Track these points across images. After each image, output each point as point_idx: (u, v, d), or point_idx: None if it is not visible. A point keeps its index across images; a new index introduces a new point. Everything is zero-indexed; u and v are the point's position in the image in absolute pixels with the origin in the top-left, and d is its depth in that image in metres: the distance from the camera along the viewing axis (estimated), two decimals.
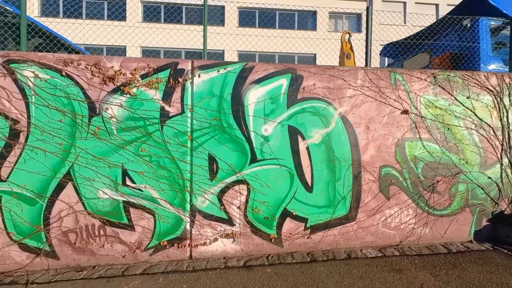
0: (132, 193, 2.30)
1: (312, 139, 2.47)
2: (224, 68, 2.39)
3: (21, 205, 2.19)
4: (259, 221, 2.44)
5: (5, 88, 2.18)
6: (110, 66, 2.28)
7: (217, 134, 2.38)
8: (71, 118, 2.23)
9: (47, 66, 2.21)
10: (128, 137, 2.29)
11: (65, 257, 2.24)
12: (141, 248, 2.31)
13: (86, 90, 2.25)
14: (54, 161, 2.22)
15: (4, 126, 2.17)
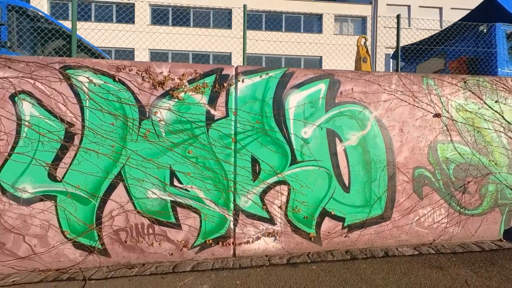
0: (179, 193, 2.40)
1: (349, 141, 2.58)
2: (266, 74, 2.50)
3: (75, 205, 2.29)
4: (299, 221, 2.53)
5: (61, 93, 2.28)
6: (159, 72, 2.38)
7: (259, 137, 2.48)
8: (122, 121, 2.34)
9: (100, 71, 2.32)
10: (175, 139, 2.39)
11: (116, 255, 2.33)
12: (187, 246, 2.40)
13: (137, 95, 2.36)
14: (106, 162, 2.32)
15: (60, 129, 2.28)
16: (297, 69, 2.55)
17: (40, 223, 2.26)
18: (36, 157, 2.25)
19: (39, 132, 2.25)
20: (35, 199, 2.25)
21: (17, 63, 2.24)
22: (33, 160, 2.24)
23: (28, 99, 2.25)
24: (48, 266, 2.26)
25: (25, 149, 2.24)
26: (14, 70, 2.24)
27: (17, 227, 2.23)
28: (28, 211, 2.24)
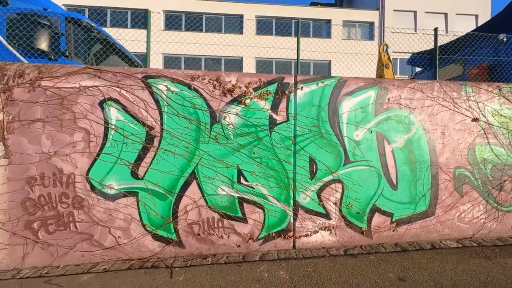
0: (245, 190, 2.63)
1: (396, 143, 2.81)
2: (322, 82, 2.75)
3: (154, 200, 2.52)
4: (352, 216, 2.75)
5: (143, 100, 2.53)
6: (228, 80, 2.64)
7: (316, 139, 2.72)
8: (196, 125, 2.58)
9: (177, 80, 2.57)
10: (242, 141, 2.63)
11: (189, 246, 2.56)
12: (253, 238, 2.62)
13: (208, 101, 2.61)
14: (181, 162, 2.56)
15: (142, 132, 2.52)
16: (349, 78, 2.80)
17: (123, 216, 2.49)
18: (121, 157, 2.50)
19: (124, 134, 2.50)
20: (120, 195, 2.49)
21: (106, 73, 2.50)
22: (118, 160, 2.49)
23: (115, 105, 2.50)
24: (130, 255, 2.49)
25: (111, 150, 2.49)
26: (103, 79, 2.50)
27: (103, 220, 2.47)
28: (113, 205, 2.48)
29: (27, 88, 2.42)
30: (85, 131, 2.47)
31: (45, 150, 2.42)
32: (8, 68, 2.40)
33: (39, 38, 3.53)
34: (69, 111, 2.46)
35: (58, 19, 3.77)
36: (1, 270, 2.33)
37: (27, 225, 2.39)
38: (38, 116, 2.43)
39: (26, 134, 2.41)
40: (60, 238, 2.42)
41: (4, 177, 2.38)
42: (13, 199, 2.37)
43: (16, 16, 3.53)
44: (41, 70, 2.42)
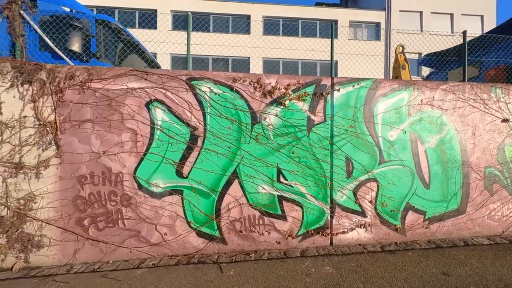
0: (284, 188, 2.71)
1: (429, 143, 2.89)
2: (358, 84, 2.82)
3: (198, 198, 2.60)
4: (386, 214, 2.83)
5: (187, 101, 2.61)
6: (268, 82, 2.71)
7: (352, 139, 2.80)
8: (237, 126, 2.66)
9: (219, 82, 2.65)
10: (281, 141, 2.71)
11: (232, 243, 2.64)
12: (292, 235, 2.70)
13: (249, 103, 2.68)
14: (224, 161, 2.64)
15: (186, 132, 2.60)
16: (383, 80, 2.88)
17: (169, 214, 2.57)
18: (166, 157, 2.58)
19: (169, 135, 2.58)
20: (165, 193, 2.57)
21: (152, 75, 2.58)
22: (164, 159, 2.57)
23: (160, 106, 2.58)
24: (176, 252, 2.57)
25: (157, 149, 2.57)
26: (149, 81, 2.58)
27: (150, 217, 2.55)
28: (159, 203, 2.56)
29: (77, 89, 2.51)
30: (132, 131, 2.55)
31: (94, 149, 2.50)
32: (59, 70, 2.48)
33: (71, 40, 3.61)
34: (117, 112, 2.54)
35: (89, 21, 3.85)
36: (53, 266, 2.42)
37: (78, 222, 2.47)
38: (87, 117, 2.51)
39: (76, 134, 2.49)
40: (109, 235, 2.50)
41: (56, 175, 2.46)
42: (64, 197, 2.46)
43: (49, 18, 3.61)
44: (91, 72, 2.50)
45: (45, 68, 2.45)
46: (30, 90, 2.44)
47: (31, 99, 2.43)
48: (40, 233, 2.42)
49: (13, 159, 2.41)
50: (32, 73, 2.42)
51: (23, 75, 2.43)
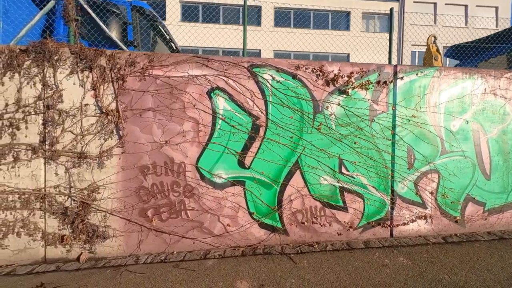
0: (346, 179, 2.65)
1: (491, 134, 2.82)
2: (421, 72, 2.73)
3: (260, 189, 2.55)
4: (447, 205, 2.79)
5: (249, 89, 2.52)
6: (330, 70, 2.62)
7: (414, 129, 2.73)
8: (299, 115, 2.58)
9: (282, 70, 2.55)
10: (344, 131, 2.64)
11: (293, 234, 2.61)
12: (353, 227, 2.67)
13: (311, 91, 2.60)
14: (286, 151, 2.58)
15: (248, 121, 2.53)
16: (447, 68, 2.78)
17: (231, 205, 2.53)
18: (228, 146, 2.51)
19: (231, 124, 2.51)
20: (228, 184, 2.52)
21: (213, 62, 2.48)
22: (226, 149, 2.51)
23: (222, 95, 2.50)
24: (238, 243, 2.54)
25: (219, 139, 2.50)
26: (210, 68, 2.48)
27: (213, 208, 2.51)
28: (222, 194, 2.52)
29: (137, 77, 2.42)
30: (194, 120, 2.48)
31: (156, 139, 2.44)
32: (119, 56, 2.38)
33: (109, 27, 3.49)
34: (179, 101, 2.46)
35: (125, 8, 3.72)
36: (118, 256, 2.40)
37: (141, 213, 2.43)
38: (149, 105, 2.43)
39: (138, 123, 2.41)
40: (173, 226, 2.47)
41: (118, 166, 2.40)
42: (127, 188, 2.41)
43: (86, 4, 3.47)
44: (151, 58, 2.40)
45: (105, 54, 2.35)
46: (90, 77, 2.35)
47: (92, 86, 2.36)
48: (104, 224, 2.38)
49: (75, 149, 2.35)
50: (92, 59, 2.32)
51: (83, 61, 2.33)
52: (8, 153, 2.27)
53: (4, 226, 2.27)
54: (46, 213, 2.32)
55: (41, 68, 2.29)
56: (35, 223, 2.31)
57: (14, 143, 2.27)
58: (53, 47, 2.27)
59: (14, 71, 2.25)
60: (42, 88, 2.30)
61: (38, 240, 2.31)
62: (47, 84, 2.29)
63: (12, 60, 2.23)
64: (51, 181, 2.31)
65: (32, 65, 2.27)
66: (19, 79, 2.27)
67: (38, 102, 2.29)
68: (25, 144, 2.28)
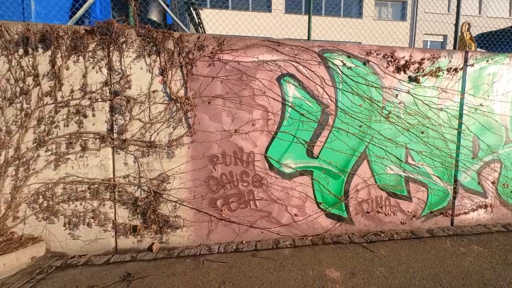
0: (411, 169, 2.63)
1: None
2: (492, 59, 2.64)
3: (328, 179, 2.52)
4: (506, 195, 2.80)
5: (320, 76, 2.42)
6: (401, 56, 2.51)
7: (480, 118, 2.68)
8: (369, 103, 2.51)
9: (353, 55, 2.44)
10: (411, 120, 2.58)
11: (358, 223, 2.61)
12: (416, 216, 2.68)
13: (381, 78, 2.50)
14: (354, 141, 2.52)
15: (318, 110, 2.44)
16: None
17: (299, 195, 2.50)
18: (297, 136, 2.44)
19: (301, 112, 2.42)
20: (296, 174, 2.48)
21: (283, 47, 2.35)
22: (295, 138, 2.44)
23: (292, 81, 2.39)
24: (305, 232, 2.53)
25: (288, 128, 2.43)
26: (281, 53, 2.36)
27: (281, 198, 2.48)
28: (290, 184, 2.48)
29: (206, 62, 2.29)
30: (264, 108, 2.38)
31: (226, 127, 2.36)
32: (187, 39, 2.23)
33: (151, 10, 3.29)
34: (248, 87, 2.36)
35: None
36: (189, 246, 2.38)
37: (211, 203, 2.40)
38: (218, 92, 2.32)
39: (207, 111, 2.32)
40: (242, 216, 2.44)
41: (187, 155, 2.33)
42: (196, 178, 2.35)
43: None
44: (221, 42, 2.27)
45: (172, 37, 2.21)
46: (158, 62, 2.22)
47: (160, 71, 2.23)
48: (175, 214, 2.34)
49: (144, 138, 2.26)
50: (160, 42, 2.18)
51: (150, 44, 2.20)
52: (75, 142, 2.18)
53: (75, 217, 2.22)
54: (116, 203, 2.27)
55: (107, 52, 2.15)
56: (105, 213, 2.26)
57: (81, 132, 2.18)
58: (119, 29, 2.12)
59: (79, 54, 2.12)
60: (108, 73, 2.17)
61: (109, 231, 2.28)
62: (113, 69, 2.17)
63: (76, 42, 2.09)
64: (120, 171, 2.25)
65: (97, 48, 2.13)
66: (84, 63, 2.14)
67: (104, 88, 2.18)
68: (92, 132, 2.19)
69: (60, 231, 2.20)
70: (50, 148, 2.15)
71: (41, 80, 2.08)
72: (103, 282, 1.81)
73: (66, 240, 2.21)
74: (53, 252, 2.21)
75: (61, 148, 2.16)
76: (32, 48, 2.04)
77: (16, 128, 2.09)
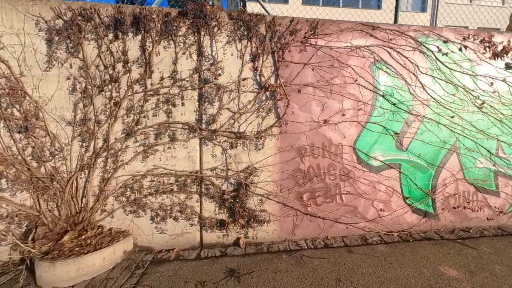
0: (502, 163, 2.49)
1: None
2: None
3: (416, 173, 2.41)
4: None
5: (413, 63, 2.27)
6: (499, 42, 2.35)
7: None
8: (462, 93, 2.37)
9: (449, 40, 2.29)
10: (505, 111, 2.44)
11: (444, 219, 2.50)
12: (503, 211, 2.56)
13: (476, 65, 2.35)
14: (445, 133, 2.39)
15: (409, 99, 2.31)
16: None
17: (385, 189, 2.40)
18: (387, 127, 2.32)
19: (392, 102, 2.30)
20: (384, 167, 2.36)
21: (378, 31, 2.21)
22: (385, 130, 2.32)
23: (384, 69, 2.26)
24: (389, 228, 2.44)
25: (378, 119, 2.30)
26: (375, 38, 2.21)
27: (367, 192, 2.38)
28: (377, 178, 2.38)
29: (298, 47, 2.16)
30: (354, 97, 2.26)
31: (315, 118, 2.24)
32: (280, 22, 2.09)
33: None
34: (340, 75, 2.23)
35: None
36: (274, 241, 2.30)
37: (297, 197, 2.31)
38: (308, 80, 2.19)
39: (296, 100, 2.19)
40: (327, 210, 2.36)
41: (275, 147, 2.22)
42: (284, 170, 2.25)
43: None
44: (315, 25, 2.12)
45: (265, 20, 2.08)
46: (249, 47, 2.10)
47: (251, 58, 2.11)
48: (261, 208, 2.27)
49: (232, 128, 2.16)
50: (253, 26, 2.05)
51: (241, 28, 2.07)
52: (164, 132, 2.09)
53: (162, 210, 2.15)
54: (203, 196, 2.20)
55: (197, 36, 2.04)
56: (191, 207, 2.18)
57: (170, 122, 2.08)
58: (211, 11, 1.99)
59: (170, 39, 2.00)
60: (197, 59, 2.06)
61: (195, 225, 2.20)
62: (203, 55, 2.05)
63: (167, 26, 1.96)
64: (208, 163, 2.15)
65: (188, 32, 2.02)
66: (174, 49, 2.02)
67: (194, 76, 2.07)
68: (181, 122, 2.09)
69: (147, 225, 2.14)
70: (138, 138, 2.06)
71: (130, 66, 1.98)
72: (210, 278, 1.74)
73: (152, 234, 2.15)
74: (140, 247, 2.15)
75: (150, 139, 2.07)
76: (122, 32, 1.93)
77: (105, 118, 2.02)
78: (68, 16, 1.87)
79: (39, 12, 1.85)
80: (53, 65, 1.89)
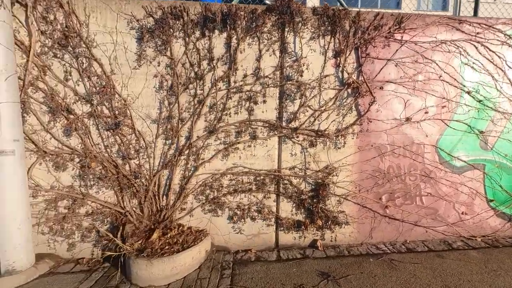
0: None
1: None
2: None
3: (501, 174, 2.29)
4: None
5: (502, 57, 2.17)
6: None
7: None
8: None
9: None
10: None
11: None
12: None
13: None
14: None
15: (496, 96, 2.19)
16: None
17: (468, 191, 2.29)
18: (471, 125, 2.22)
19: (477, 99, 2.19)
20: (467, 168, 2.24)
21: (464, 25, 2.12)
22: (469, 128, 2.22)
23: (470, 64, 2.16)
24: (471, 232, 2.31)
25: (463, 117, 2.19)
26: (461, 32, 2.13)
27: (449, 194, 2.26)
28: (459, 179, 2.27)
29: (381, 42, 2.10)
30: (438, 94, 2.17)
31: (396, 116, 2.16)
32: (364, 17, 2.04)
33: None
34: (423, 71, 2.15)
35: None
36: (351, 244, 2.21)
37: (375, 198, 2.23)
38: (391, 76, 2.11)
39: (378, 97, 2.10)
40: (406, 212, 2.26)
41: (355, 146, 2.14)
42: (363, 170, 2.18)
43: None
44: (400, 20, 2.06)
45: (349, 15, 2.04)
46: (332, 43, 2.06)
47: (333, 54, 2.07)
48: (338, 209, 2.20)
49: (312, 126, 2.12)
50: (336, 21, 2.02)
51: (325, 24, 2.04)
52: (245, 130, 2.07)
53: (239, 210, 2.12)
54: (280, 196, 2.15)
55: (281, 33, 2.02)
56: (269, 207, 2.13)
57: (251, 119, 2.06)
58: (297, 7, 1.97)
59: (254, 36, 1.99)
60: (280, 56, 2.04)
61: (272, 225, 2.16)
62: (286, 52, 2.03)
63: (253, 23, 1.96)
64: (287, 161, 2.10)
65: (273, 29, 2.00)
66: (258, 46, 2.00)
67: (276, 73, 2.05)
68: (262, 120, 2.06)
69: (224, 225, 2.10)
70: (219, 136, 2.05)
71: (215, 64, 1.97)
72: (307, 281, 1.68)
73: (229, 234, 2.11)
74: (216, 246, 2.12)
75: (231, 137, 2.05)
76: (209, 29, 1.93)
77: (188, 115, 2.01)
78: (159, 14, 1.89)
79: (131, 11, 1.88)
80: (142, 63, 1.93)
